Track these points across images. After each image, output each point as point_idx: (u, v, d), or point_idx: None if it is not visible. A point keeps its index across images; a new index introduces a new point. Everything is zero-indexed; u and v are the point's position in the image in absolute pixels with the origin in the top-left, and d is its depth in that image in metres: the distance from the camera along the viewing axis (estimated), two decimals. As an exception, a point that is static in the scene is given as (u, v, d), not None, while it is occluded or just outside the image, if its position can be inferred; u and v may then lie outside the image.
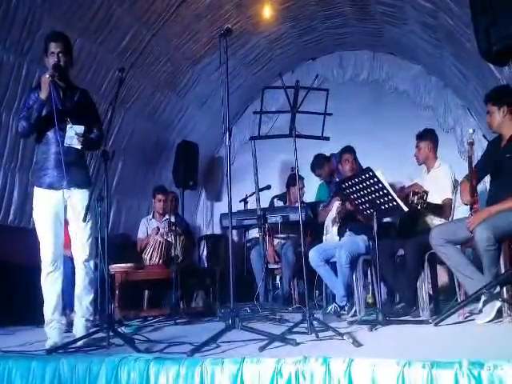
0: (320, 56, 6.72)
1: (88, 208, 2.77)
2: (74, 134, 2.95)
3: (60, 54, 2.99)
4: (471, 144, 3.22)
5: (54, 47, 3.00)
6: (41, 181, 3.01)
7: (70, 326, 3.16)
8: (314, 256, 4.03)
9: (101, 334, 2.69)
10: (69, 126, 2.96)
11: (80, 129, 2.97)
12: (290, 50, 6.45)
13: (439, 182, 3.78)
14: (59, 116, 2.91)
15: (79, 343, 2.70)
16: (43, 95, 2.89)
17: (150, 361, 2.04)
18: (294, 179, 5.25)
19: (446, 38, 4.78)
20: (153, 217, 5.35)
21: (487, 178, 3.52)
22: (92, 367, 2.09)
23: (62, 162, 2.90)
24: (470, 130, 3.32)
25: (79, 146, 2.99)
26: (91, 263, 3.04)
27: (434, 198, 3.63)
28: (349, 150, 4.40)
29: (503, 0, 2.72)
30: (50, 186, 2.98)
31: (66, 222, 3.07)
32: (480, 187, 4.28)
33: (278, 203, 5.28)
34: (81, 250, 3.02)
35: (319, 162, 5.57)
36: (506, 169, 3.16)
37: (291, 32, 6.08)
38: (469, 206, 3.22)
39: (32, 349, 2.59)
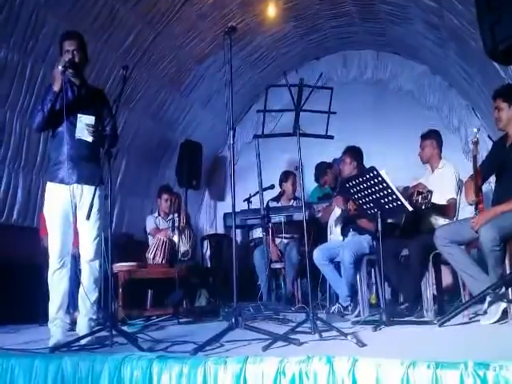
0: (324, 55, 6.71)
1: (92, 206, 2.76)
2: (84, 125, 2.95)
3: (74, 52, 3.00)
4: (476, 143, 3.18)
5: (68, 45, 3.01)
6: (53, 175, 3.02)
7: (73, 324, 3.16)
8: (319, 255, 4.02)
9: (104, 333, 2.68)
10: (79, 116, 2.97)
11: (90, 119, 2.96)
12: (294, 50, 6.44)
13: (444, 181, 3.75)
14: (71, 110, 2.92)
15: (82, 342, 2.70)
16: (56, 87, 2.90)
17: (152, 359, 2.03)
18: (285, 176, 5.26)
19: (451, 38, 4.76)
20: (158, 215, 5.35)
21: (492, 178, 3.49)
22: (95, 365, 2.09)
23: (69, 155, 2.91)
24: (475, 129, 3.28)
25: (90, 139, 2.98)
26: (96, 263, 3.03)
27: (439, 197, 3.61)
28: (346, 150, 4.37)
29: (509, -2, 2.70)
30: (61, 181, 2.98)
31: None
32: (485, 187, 4.27)
33: (273, 205, 5.26)
34: (87, 249, 3.02)
35: (321, 171, 5.56)
36: (511, 168, 3.14)
37: (295, 31, 6.08)
38: (474, 206, 3.21)
39: (35, 347, 2.59)
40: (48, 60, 4.34)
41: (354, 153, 4.29)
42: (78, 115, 2.97)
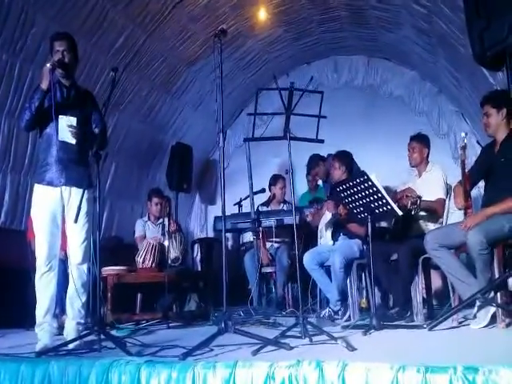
0: (315, 60, 6.73)
1: (79, 209, 2.73)
2: (66, 126, 2.92)
3: (64, 52, 2.98)
4: (464, 148, 3.20)
5: (58, 45, 2.99)
6: (40, 177, 2.98)
7: (61, 328, 3.12)
8: (309, 259, 4.02)
9: (92, 337, 2.65)
10: (60, 117, 2.93)
11: (70, 121, 2.93)
12: (285, 54, 6.45)
13: (432, 183, 3.77)
14: (60, 110, 2.90)
15: (70, 346, 2.66)
16: (44, 85, 2.87)
17: (141, 364, 2.01)
18: (274, 179, 5.25)
19: (440, 43, 4.80)
20: (148, 219, 5.31)
21: (482, 183, 3.52)
22: (82, 370, 2.06)
23: (57, 157, 2.89)
24: (463, 134, 3.30)
25: (73, 141, 2.95)
26: (84, 266, 3.01)
27: (427, 199, 3.62)
28: (335, 155, 4.39)
29: (497, 4, 2.73)
30: (49, 183, 2.95)
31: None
32: (474, 192, 4.29)
33: (263, 209, 5.25)
34: (75, 252, 2.99)
35: (314, 162, 5.54)
36: (500, 173, 3.17)
37: (287, 36, 6.09)
38: (463, 211, 3.23)
39: (22, 351, 2.55)
40: (37, 60, 4.30)
41: (343, 157, 4.31)
42: (59, 116, 2.93)
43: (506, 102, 3.22)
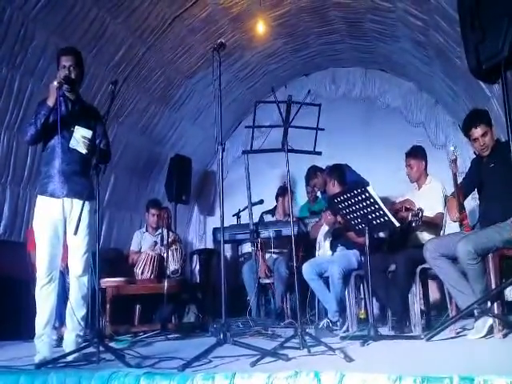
0: (313, 72, 6.78)
1: (79, 220, 2.75)
2: (79, 137, 3.01)
3: (71, 68, 3.03)
4: (454, 161, 3.23)
5: (65, 60, 3.04)
6: (43, 189, 3.01)
7: (60, 340, 3.12)
8: (308, 270, 4.03)
9: (91, 349, 2.65)
10: (76, 127, 3.01)
11: (87, 132, 3.03)
12: (283, 66, 6.51)
13: (431, 197, 3.79)
14: (65, 124, 2.94)
15: (69, 358, 2.66)
16: (50, 102, 2.92)
17: (140, 376, 2.01)
18: (283, 190, 5.27)
19: (437, 56, 4.86)
20: (146, 230, 5.33)
21: (476, 195, 3.53)
22: (82, 382, 2.06)
23: (60, 168, 2.93)
24: (452, 148, 3.33)
25: (84, 150, 3.02)
26: (85, 278, 3.02)
27: (427, 212, 3.64)
28: (326, 172, 4.43)
29: (492, 16, 2.76)
30: (52, 194, 2.98)
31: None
32: (471, 204, 4.32)
33: (268, 218, 5.26)
34: (76, 264, 3.00)
35: (312, 173, 5.59)
36: (491, 180, 3.20)
37: (285, 48, 6.15)
38: (458, 223, 3.25)
39: (21, 363, 2.55)
40: (37, 74, 4.34)
41: (332, 171, 4.37)
42: (76, 127, 3.00)
43: (490, 119, 3.27)
